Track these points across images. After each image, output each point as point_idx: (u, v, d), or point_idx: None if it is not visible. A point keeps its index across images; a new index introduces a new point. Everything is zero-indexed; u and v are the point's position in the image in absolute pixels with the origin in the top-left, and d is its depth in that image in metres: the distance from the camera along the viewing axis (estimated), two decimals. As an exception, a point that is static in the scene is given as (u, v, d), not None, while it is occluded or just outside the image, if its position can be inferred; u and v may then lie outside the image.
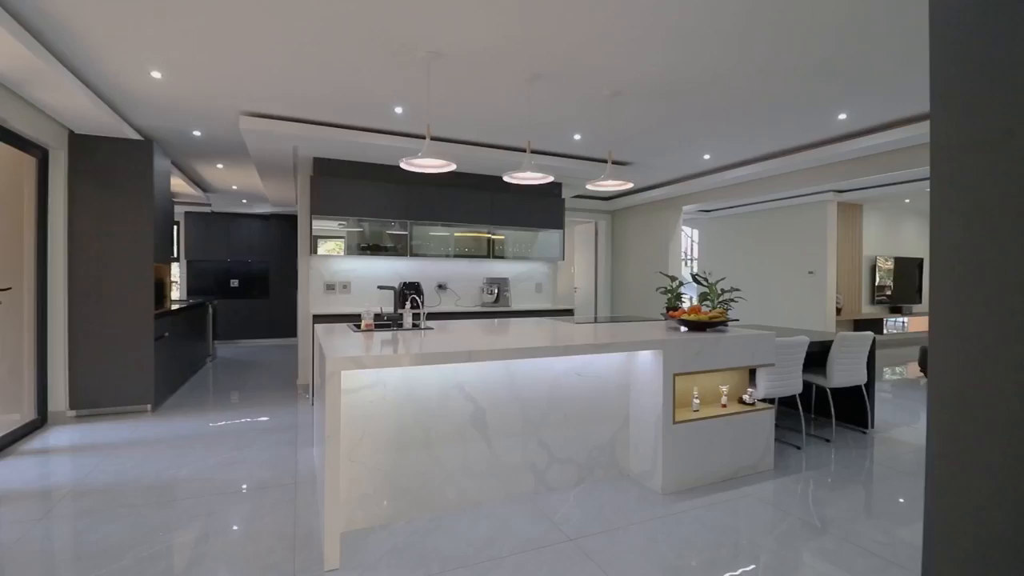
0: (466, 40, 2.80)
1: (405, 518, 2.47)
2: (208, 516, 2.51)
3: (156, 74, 3.30)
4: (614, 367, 2.99)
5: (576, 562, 2.12)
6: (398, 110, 3.91)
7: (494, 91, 3.51)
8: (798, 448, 3.52)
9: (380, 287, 3.68)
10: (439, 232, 5.41)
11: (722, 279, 3.73)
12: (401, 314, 3.26)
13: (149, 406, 4.40)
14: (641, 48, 2.87)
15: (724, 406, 3.08)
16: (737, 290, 3.58)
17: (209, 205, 8.34)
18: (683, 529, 2.40)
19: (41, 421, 3.99)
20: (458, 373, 2.61)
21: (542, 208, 5.80)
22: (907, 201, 8.14)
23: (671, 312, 3.40)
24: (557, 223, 5.89)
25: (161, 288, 4.91)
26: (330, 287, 5.16)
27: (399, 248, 5.19)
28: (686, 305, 3.61)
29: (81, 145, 4.18)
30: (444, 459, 2.58)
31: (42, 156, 3.98)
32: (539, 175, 3.47)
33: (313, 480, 2.94)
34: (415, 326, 3.22)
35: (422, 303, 3.60)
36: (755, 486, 2.90)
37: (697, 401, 2.99)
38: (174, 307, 5.35)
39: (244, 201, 8.24)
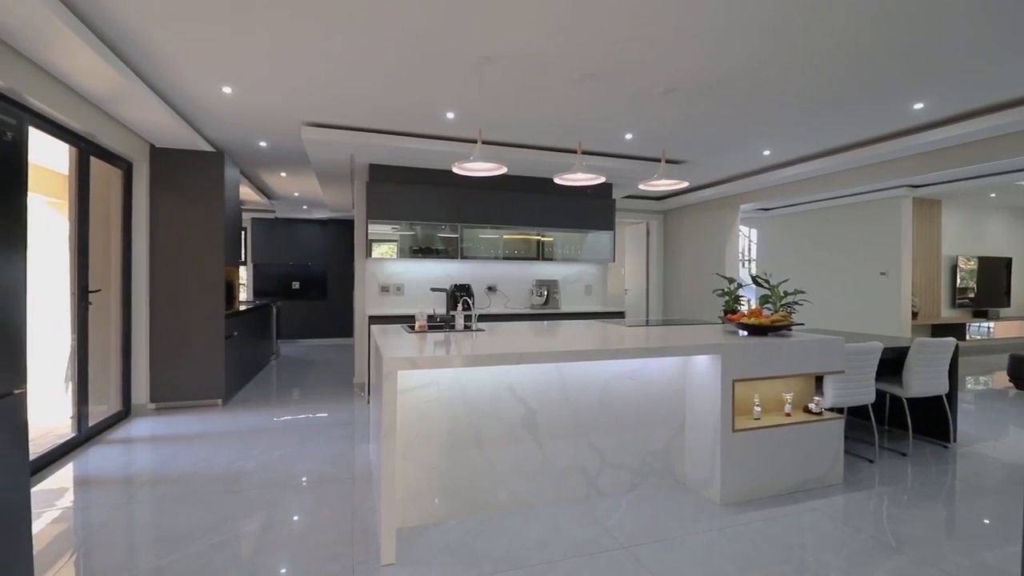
0: (516, 44, 2.81)
1: (457, 517, 2.50)
2: (272, 506, 2.64)
3: (227, 89, 3.52)
4: (668, 371, 2.91)
5: (630, 570, 2.07)
6: (449, 115, 3.98)
7: (544, 93, 3.51)
8: (870, 461, 3.29)
9: (433, 289, 3.76)
10: (488, 234, 5.46)
11: (785, 280, 3.56)
12: (453, 316, 3.31)
13: (220, 400, 4.68)
14: (697, 42, 2.79)
15: (788, 415, 2.93)
16: (802, 292, 3.41)
17: (273, 211, 8.81)
18: (743, 543, 2.30)
19: (125, 412, 4.34)
20: (509, 375, 2.62)
21: (592, 209, 5.74)
22: (992, 196, 7.46)
23: (729, 315, 3.28)
24: (607, 224, 5.81)
25: (230, 290, 5.22)
26: (384, 289, 5.32)
27: (450, 251, 5.28)
28: (745, 308, 3.47)
29: (160, 157, 4.51)
30: (495, 460, 2.60)
31: (127, 168, 4.34)
32: (590, 176, 3.43)
33: (369, 476, 3.04)
34: (467, 328, 3.26)
35: (472, 305, 3.64)
36: (822, 500, 2.74)
37: (758, 409, 2.86)
38: (242, 308, 5.67)
39: (305, 207, 8.64)
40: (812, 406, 3.00)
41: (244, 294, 8.88)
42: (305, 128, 4.24)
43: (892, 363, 3.55)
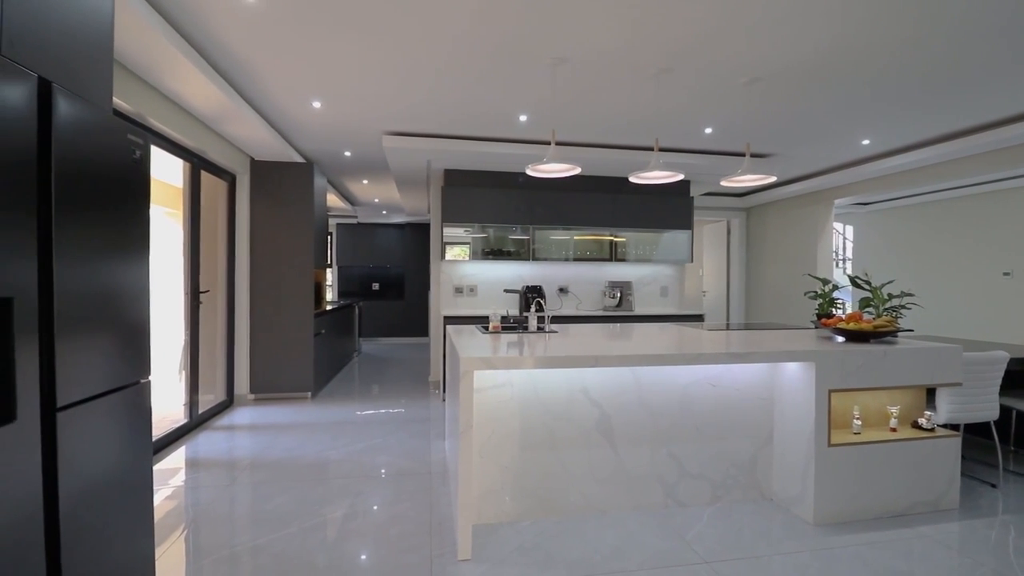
0: (591, 42, 2.77)
1: (530, 518, 2.50)
2: (356, 496, 2.78)
3: (316, 104, 3.77)
4: (755, 379, 2.74)
5: (712, 587, 1.97)
6: (523, 118, 4.01)
7: (619, 90, 3.43)
8: (993, 486, 2.91)
9: (506, 291, 3.80)
10: (559, 236, 5.43)
11: (889, 282, 3.23)
12: (526, 317, 3.32)
13: (309, 393, 5.02)
14: (783, 26, 2.60)
15: (893, 430, 2.66)
16: (909, 295, 3.08)
17: (356, 217, 9.33)
18: (840, 567, 2.11)
19: (229, 402, 4.77)
20: (583, 377, 2.59)
21: (668, 208, 5.54)
22: None
23: (824, 320, 3.03)
24: (685, 223, 5.58)
25: (318, 291, 5.59)
26: (458, 290, 5.45)
27: (521, 252, 5.31)
28: (841, 312, 3.20)
29: (259, 169, 4.92)
30: (569, 463, 2.57)
31: (231, 180, 4.77)
32: (667, 173, 3.31)
33: (444, 471, 3.12)
34: (540, 329, 3.26)
35: (545, 306, 3.63)
36: (935, 526, 2.46)
37: (858, 422, 2.62)
38: (328, 308, 6.05)
39: (384, 212, 9.07)
40: (922, 421, 2.70)
41: (330, 295, 9.48)
42: (386, 137, 4.44)
43: (1021, 375, 3.11)
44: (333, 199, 7.35)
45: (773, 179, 3.49)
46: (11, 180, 1.20)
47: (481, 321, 4.39)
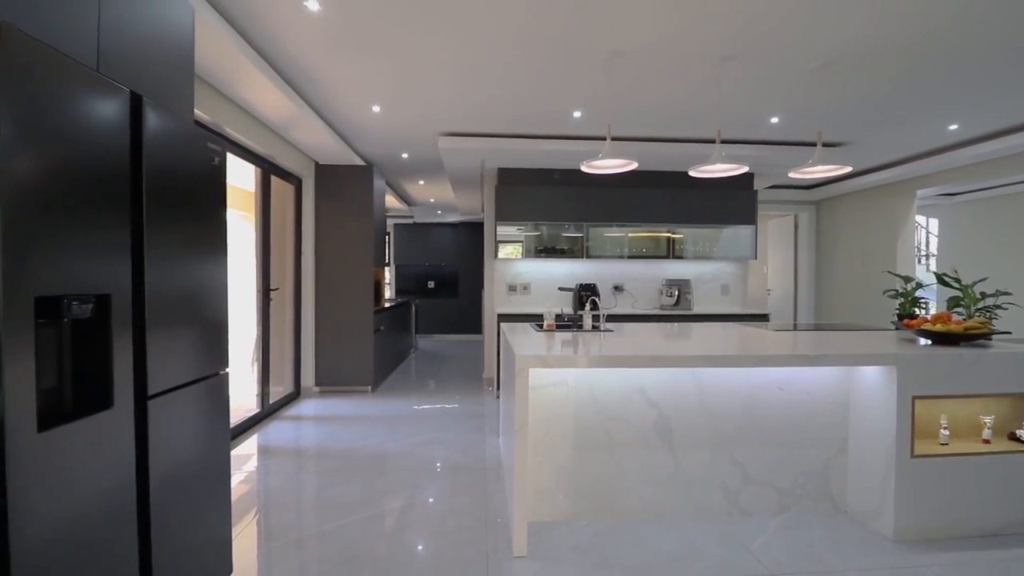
0: (648, 33, 2.70)
1: (586, 518, 2.47)
2: (414, 488, 2.86)
3: (376, 108, 3.89)
4: (827, 383, 2.57)
5: (780, 601, 1.87)
6: (576, 114, 3.96)
7: (678, 81, 3.32)
8: (1113, 509, 2.58)
9: (561, 288, 3.77)
10: (614, 233, 5.33)
11: (982, 279, 2.95)
12: (581, 315, 3.28)
13: (369, 387, 5.21)
14: (861, 5, 2.42)
15: (987, 442, 2.42)
16: (1006, 294, 2.79)
17: (412, 217, 9.59)
18: (927, 588, 1.95)
19: (296, 393, 5.03)
20: (640, 377, 2.53)
21: (730, 202, 5.30)
22: None
23: (906, 320, 2.80)
24: (748, 218, 5.33)
25: (377, 289, 5.78)
26: (512, 288, 5.48)
27: (575, 250, 5.25)
28: (925, 312, 2.95)
29: (323, 173, 5.15)
30: (625, 464, 2.52)
31: (297, 184, 5.02)
32: (730, 166, 3.17)
33: (499, 467, 3.14)
34: (595, 328, 3.21)
35: (599, 304, 3.58)
36: (1039, 551, 2.22)
37: (946, 432, 2.40)
38: (387, 305, 6.25)
39: (439, 212, 9.27)
40: (1021, 433, 2.44)
41: (388, 293, 9.79)
42: (441, 138, 4.53)
43: None
44: (391, 200, 7.58)
45: (848, 169, 3.26)
46: (109, 187, 1.32)
47: (534, 319, 4.39)
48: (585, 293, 5.00)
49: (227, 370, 1.90)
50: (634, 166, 3.15)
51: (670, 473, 2.53)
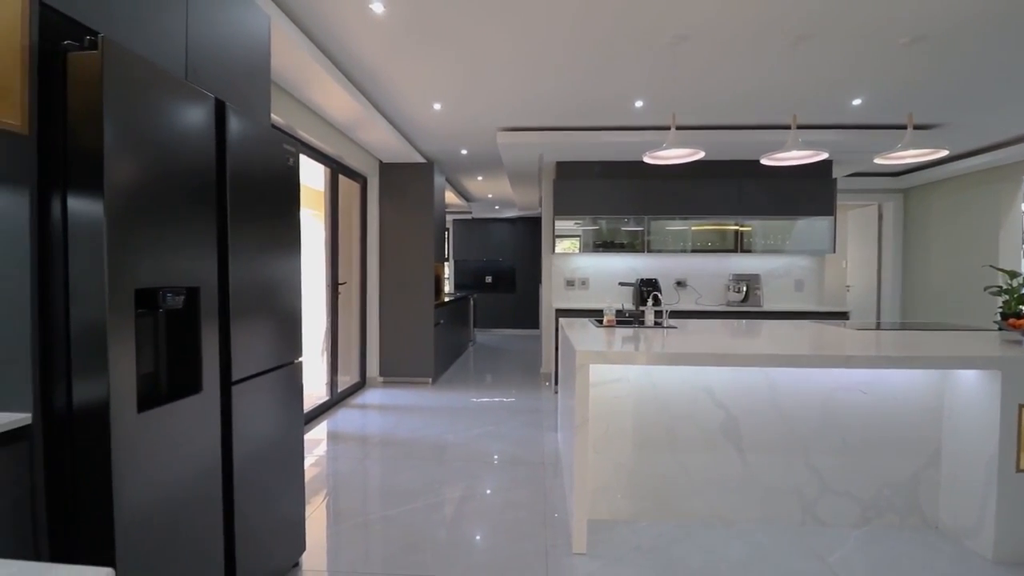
0: (715, 14, 2.56)
1: (648, 519, 2.41)
2: (473, 479, 2.90)
3: (437, 106, 3.96)
4: (917, 388, 2.36)
5: (862, 620, 1.74)
6: (638, 104, 3.85)
7: (748, 65, 3.14)
8: None
9: (621, 284, 3.69)
10: (676, 226, 5.14)
11: (1110, 275, 2.59)
12: (642, 311, 3.20)
13: (430, 379, 5.35)
14: (967, -30, 2.18)
15: (1116, 458, 2.13)
16: None
17: (470, 212, 9.72)
18: (1038, 619, 1.75)
19: (362, 383, 5.25)
20: (706, 376, 2.42)
21: (805, 192, 4.97)
22: None
23: (1011, 320, 2.51)
24: (825, 209, 4.97)
25: (437, 283, 5.91)
26: (570, 283, 5.42)
27: (635, 244, 5.12)
28: (1039, 311, 2.63)
29: (386, 171, 5.32)
30: (689, 465, 2.43)
31: (363, 183, 5.22)
32: (807, 153, 2.96)
33: (556, 462, 3.13)
34: (657, 324, 3.12)
35: (661, 300, 3.47)
36: None
37: (1062, 445, 2.14)
38: (446, 300, 6.38)
39: (497, 207, 9.34)
40: None
41: (447, 287, 9.99)
42: (500, 133, 4.55)
43: None
44: (450, 196, 7.71)
45: (944, 153, 2.96)
46: (198, 188, 1.41)
47: (593, 314, 4.32)
48: (646, 288, 4.87)
49: (301, 359, 2.00)
50: (700, 155, 3.02)
51: (738, 476, 2.42)
